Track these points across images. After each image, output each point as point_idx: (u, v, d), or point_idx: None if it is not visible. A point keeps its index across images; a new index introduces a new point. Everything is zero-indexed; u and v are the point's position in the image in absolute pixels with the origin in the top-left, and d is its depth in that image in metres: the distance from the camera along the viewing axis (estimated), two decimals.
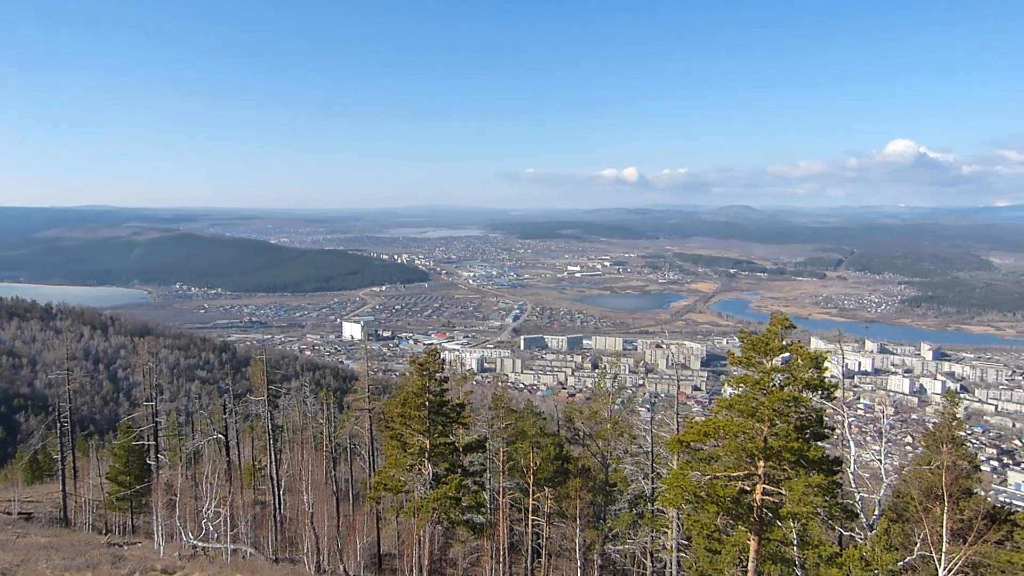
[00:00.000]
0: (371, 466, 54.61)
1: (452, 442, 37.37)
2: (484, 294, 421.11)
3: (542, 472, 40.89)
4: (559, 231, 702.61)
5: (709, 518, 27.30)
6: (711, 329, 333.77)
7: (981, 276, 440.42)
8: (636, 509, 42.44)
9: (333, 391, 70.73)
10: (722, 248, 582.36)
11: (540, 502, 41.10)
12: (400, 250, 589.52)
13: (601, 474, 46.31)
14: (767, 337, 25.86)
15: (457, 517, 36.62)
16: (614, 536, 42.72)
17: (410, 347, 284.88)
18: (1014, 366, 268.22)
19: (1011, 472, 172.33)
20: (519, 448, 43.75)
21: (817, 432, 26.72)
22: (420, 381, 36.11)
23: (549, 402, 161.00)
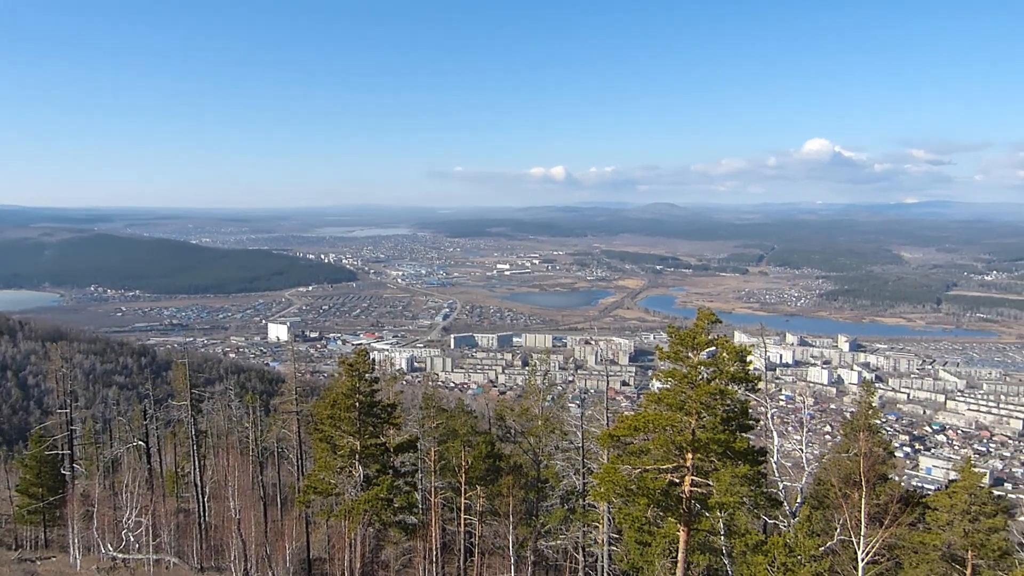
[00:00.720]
0: (300, 470, 53.58)
1: (383, 443, 36.99)
2: (413, 293, 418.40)
3: (474, 471, 40.81)
4: (488, 229, 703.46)
5: (639, 511, 27.71)
6: (639, 325, 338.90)
7: (893, 270, 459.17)
8: (568, 505, 42.74)
9: (259, 394, 69.03)
10: (649, 245, 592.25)
11: (472, 501, 41.03)
12: (327, 249, 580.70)
13: (533, 471, 46.50)
14: (694, 332, 26.38)
15: (389, 518, 36.27)
16: (546, 532, 42.92)
17: (339, 348, 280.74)
18: (924, 356, 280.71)
19: (922, 457, 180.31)
20: (451, 447, 43.59)
21: (742, 424, 27.38)
22: (350, 382, 35.60)
23: (480, 400, 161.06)
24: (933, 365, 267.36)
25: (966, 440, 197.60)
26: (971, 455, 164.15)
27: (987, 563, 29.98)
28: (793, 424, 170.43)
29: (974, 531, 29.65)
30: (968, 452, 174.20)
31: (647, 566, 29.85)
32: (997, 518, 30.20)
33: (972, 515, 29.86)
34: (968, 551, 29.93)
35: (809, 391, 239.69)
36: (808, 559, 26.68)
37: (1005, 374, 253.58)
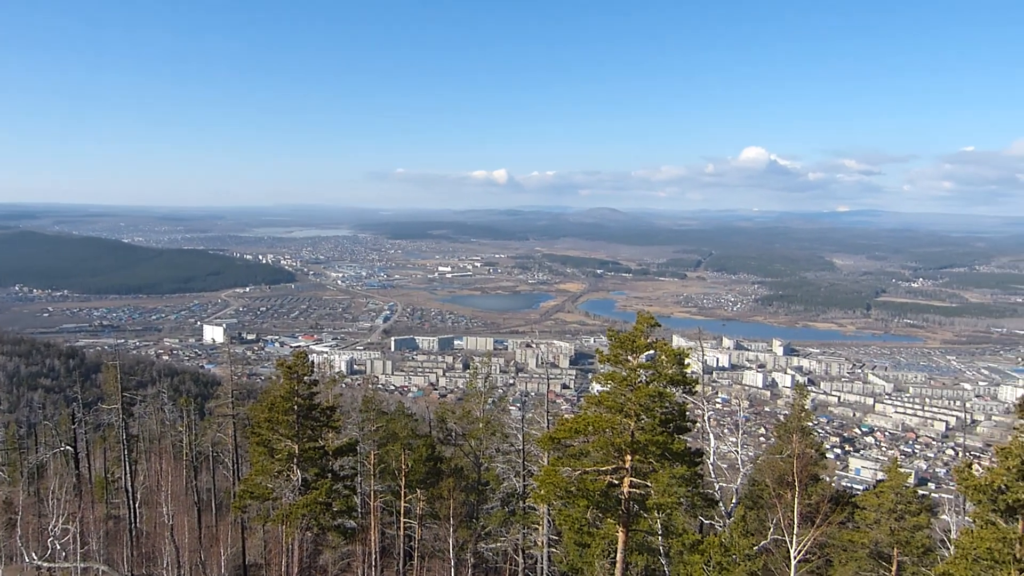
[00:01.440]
0: (236, 474, 52.53)
1: (322, 446, 36.48)
2: (353, 295, 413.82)
3: (414, 474, 40.60)
4: (430, 231, 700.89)
5: (579, 512, 27.92)
6: (579, 328, 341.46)
7: (826, 276, 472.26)
8: (508, 507, 42.82)
9: (194, 397, 67.36)
10: (589, 249, 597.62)
11: (412, 504, 40.79)
12: (265, 250, 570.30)
13: (474, 473, 46.49)
14: (633, 335, 26.71)
15: (327, 523, 35.79)
16: (487, 534, 42.93)
17: (276, 350, 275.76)
18: (854, 360, 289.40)
19: (852, 458, 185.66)
20: (391, 450, 43.28)
21: (680, 425, 27.82)
22: (288, 384, 35.03)
23: (421, 403, 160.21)
24: (863, 369, 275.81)
25: (893, 441, 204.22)
26: (898, 456, 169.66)
27: (911, 560, 31.05)
28: (729, 426, 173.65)
29: (900, 529, 30.69)
30: (895, 453, 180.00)
31: (586, 567, 30.08)
32: (921, 516, 31.32)
33: (898, 514, 30.90)
34: (894, 548, 30.96)
35: (744, 394, 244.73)
36: (743, 558, 27.26)
37: (930, 378, 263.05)
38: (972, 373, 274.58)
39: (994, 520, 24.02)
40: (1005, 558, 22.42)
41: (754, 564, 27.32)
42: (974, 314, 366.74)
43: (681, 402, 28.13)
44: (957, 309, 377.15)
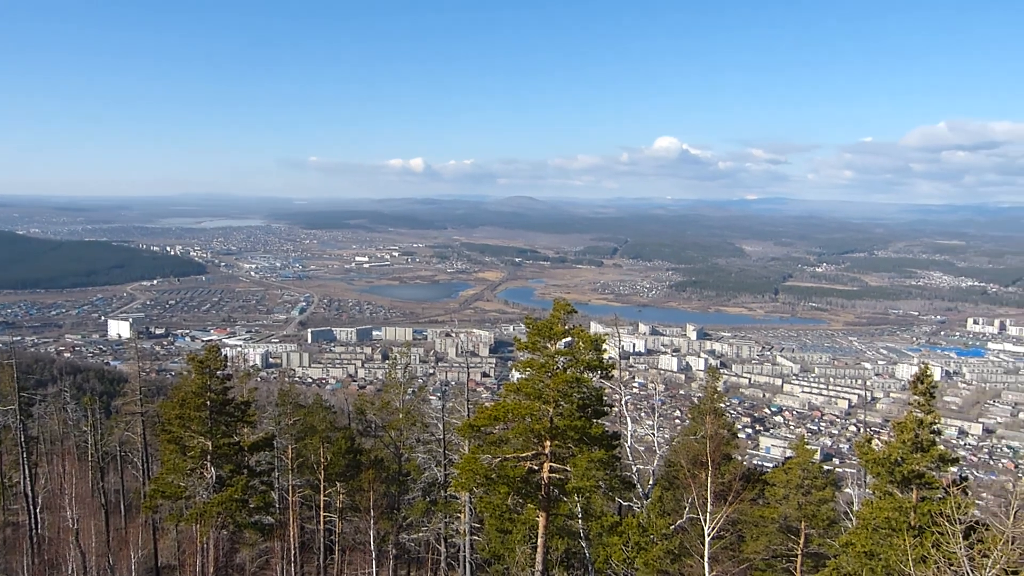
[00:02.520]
0: (146, 474, 50.79)
1: (237, 442, 35.64)
2: (268, 287, 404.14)
3: (333, 467, 40.13)
4: (346, 221, 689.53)
5: (500, 499, 28.11)
6: (499, 317, 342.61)
7: (736, 262, 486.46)
8: (430, 496, 42.82)
9: (99, 395, 64.58)
10: (508, 238, 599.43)
11: (332, 497, 40.34)
12: (174, 241, 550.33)
13: (394, 464, 46.23)
14: (551, 322, 26.99)
15: (244, 520, 35.01)
16: (408, 525, 42.84)
17: (187, 344, 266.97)
18: (764, 343, 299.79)
19: (762, 437, 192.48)
20: (309, 444, 42.61)
21: (598, 410, 28.28)
22: (200, 380, 34.06)
23: (339, 395, 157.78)
24: (772, 351, 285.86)
25: (800, 420, 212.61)
26: (804, 434, 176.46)
27: (818, 532, 32.42)
28: (645, 410, 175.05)
29: (807, 503, 32.00)
30: (802, 431, 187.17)
31: (508, 553, 30.35)
32: (826, 490, 32.73)
33: (805, 489, 32.21)
34: (802, 522, 32.28)
35: (660, 378, 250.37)
36: (660, 537, 27.98)
37: (833, 358, 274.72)
38: (872, 353, 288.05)
39: (892, 491, 25.34)
40: (901, 526, 23.67)
41: (671, 543, 28.07)
42: (873, 297, 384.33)
43: (598, 387, 28.61)
44: (858, 292, 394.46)
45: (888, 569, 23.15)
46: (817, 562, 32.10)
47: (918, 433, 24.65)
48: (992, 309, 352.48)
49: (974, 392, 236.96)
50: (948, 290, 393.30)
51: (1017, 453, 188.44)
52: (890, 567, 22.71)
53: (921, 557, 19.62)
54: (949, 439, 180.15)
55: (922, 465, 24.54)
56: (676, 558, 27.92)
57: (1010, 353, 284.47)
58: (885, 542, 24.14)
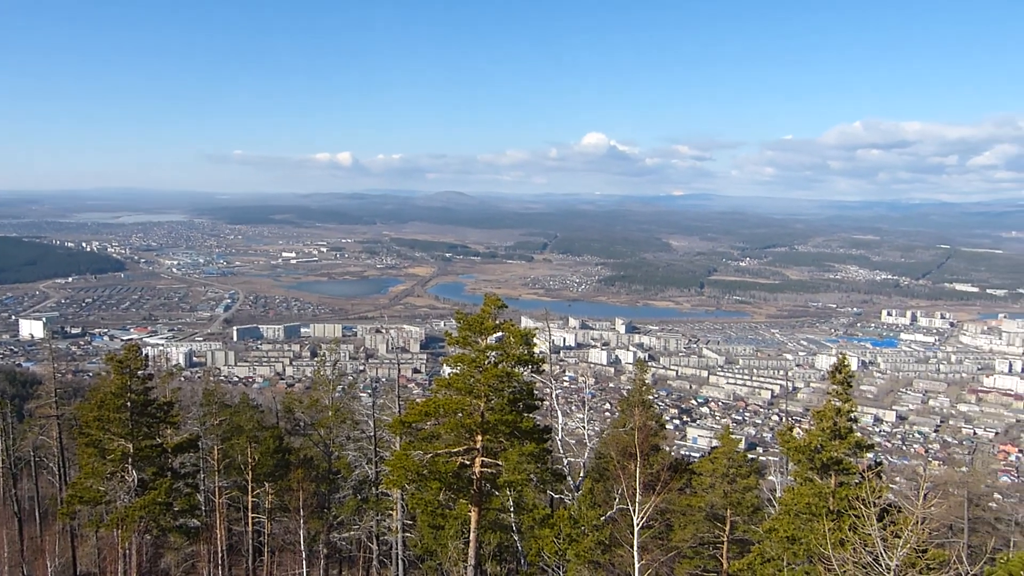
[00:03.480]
0: (62, 479, 48.91)
1: (160, 444, 34.65)
2: (191, 283, 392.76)
3: (262, 467, 39.41)
4: (272, 216, 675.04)
5: (432, 495, 28.09)
6: (429, 312, 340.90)
7: (663, 257, 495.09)
8: (361, 494, 42.48)
9: (10, 398, 61.81)
10: (438, 233, 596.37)
11: (260, 498, 39.61)
12: (89, 237, 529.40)
13: (324, 463, 45.72)
14: (481, 317, 27.06)
15: (168, 523, 34.08)
16: (339, 524, 42.42)
17: (106, 344, 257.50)
18: (690, 335, 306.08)
19: (689, 428, 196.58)
20: (236, 444, 41.75)
21: (529, 404, 28.50)
22: (119, 380, 32.98)
23: (267, 394, 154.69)
24: (698, 344, 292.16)
25: (726, 410, 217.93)
26: (729, 424, 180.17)
27: (743, 519, 33.36)
28: (576, 403, 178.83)
29: (732, 491, 32.88)
30: (727, 421, 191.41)
31: (440, 549, 30.37)
32: (751, 478, 33.70)
33: (730, 477, 33.09)
34: (727, 510, 33.16)
35: (590, 371, 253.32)
36: (591, 528, 28.37)
37: (757, 350, 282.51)
38: (793, 344, 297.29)
39: (812, 477, 26.27)
40: (821, 511, 24.56)
41: (602, 534, 28.49)
42: (794, 290, 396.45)
43: (529, 381, 28.83)
44: (780, 286, 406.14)
45: (809, 552, 24.00)
46: (742, 548, 33.04)
47: (836, 421, 25.62)
48: (904, 301, 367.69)
49: (888, 381, 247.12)
50: (864, 283, 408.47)
51: (927, 438, 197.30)
52: (811, 550, 23.55)
53: (840, 540, 20.41)
54: (865, 426, 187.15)
55: (840, 452, 25.52)
56: (607, 548, 28.36)
57: (920, 343, 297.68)
58: (806, 527, 25.02)
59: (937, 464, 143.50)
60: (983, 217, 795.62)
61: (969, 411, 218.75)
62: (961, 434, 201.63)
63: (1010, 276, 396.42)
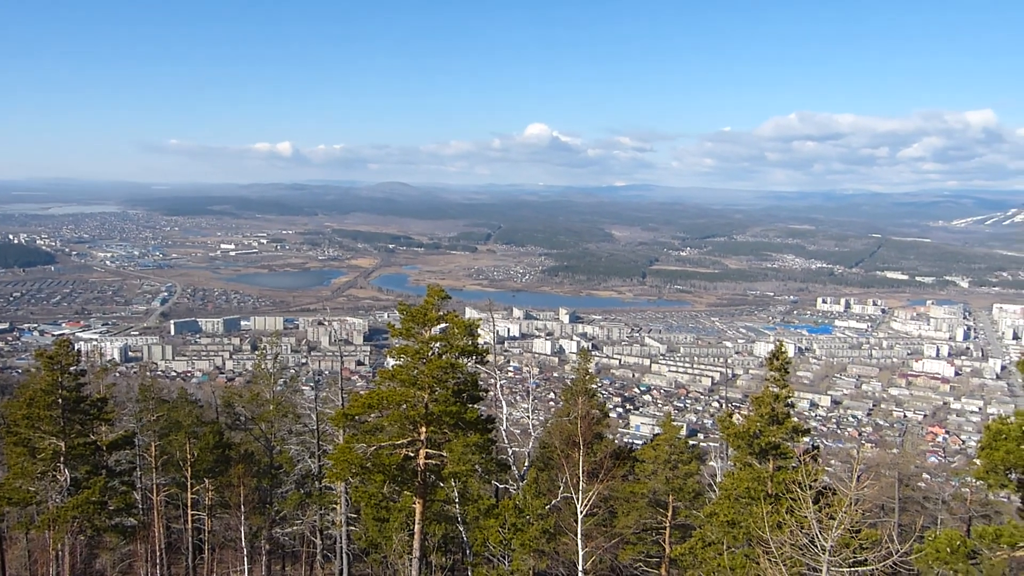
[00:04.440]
0: None
1: (94, 441, 33.69)
2: (126, 276, 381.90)
3: (201, 463, 38.64)
4: (210, 207, 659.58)
5: (376, 487, 27.94)
6: (372, 304, 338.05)
7: (605, 247, 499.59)
8: (304, 489, 42.07)
9: None
10: (381, 224, 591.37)
11: (200, 495, 38.82)
12: (17, 229, 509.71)
13: (266, 457, 45.08)
14: (424, 308, 26.93)
15: (103, 523, 33.18)
16: (282, 519, 41.88)
17: (36, 339, 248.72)
18: (633, 325, 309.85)
19: (632, 416, 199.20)
20: (174, 440, 40.86)
21: (473, 395, 28.49)
22: (50, 376, 31.94)
23: (206, 388, 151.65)
24: (640, 333, 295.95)
25: (668, 398, 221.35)
26: (671, 411, 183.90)
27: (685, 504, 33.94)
28: (521, 393, 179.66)
29: (674, 477, 33.43)
30: (669, 409, 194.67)
31: (385, 541, 30.21)
32: (692, 464, 34.30)
33: (672, 464, 33.63)
34: (670, 496, 33.69)
35: (535, 361, 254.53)
36: (536, 517, 28.54)
37: (697, 338, 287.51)
38: (732, 332, 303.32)
39: (751, 462, 26.84)
40: (759, 495, 25.12)
41: (547, 522, 28.69)
42: (733, 279, 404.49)
43: (473, 372, 28.81)
44: (719, 275, 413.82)
45: (748, 536, 24.55)
46: (684, 533, 33.65)
47: (774, 407, 26.22)
48: (838, 289, 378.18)
49: (823, 367, 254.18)
50: (800, 272, 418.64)
51: (860, 422, 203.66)
52: (750, 534, 24.08)
53: (777, 523, 20.91)
54: (802, 411, 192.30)
55: (778, 437, 26.13)
56: (552, 537, 28.58)
57: (854, 330, 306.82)
58: (745, 511, 25.58)
59: (870, 447, 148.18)
60: (912, 207, 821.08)
61: (899, 395, 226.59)
62: (892, 417, 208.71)
63: (937, 264, 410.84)
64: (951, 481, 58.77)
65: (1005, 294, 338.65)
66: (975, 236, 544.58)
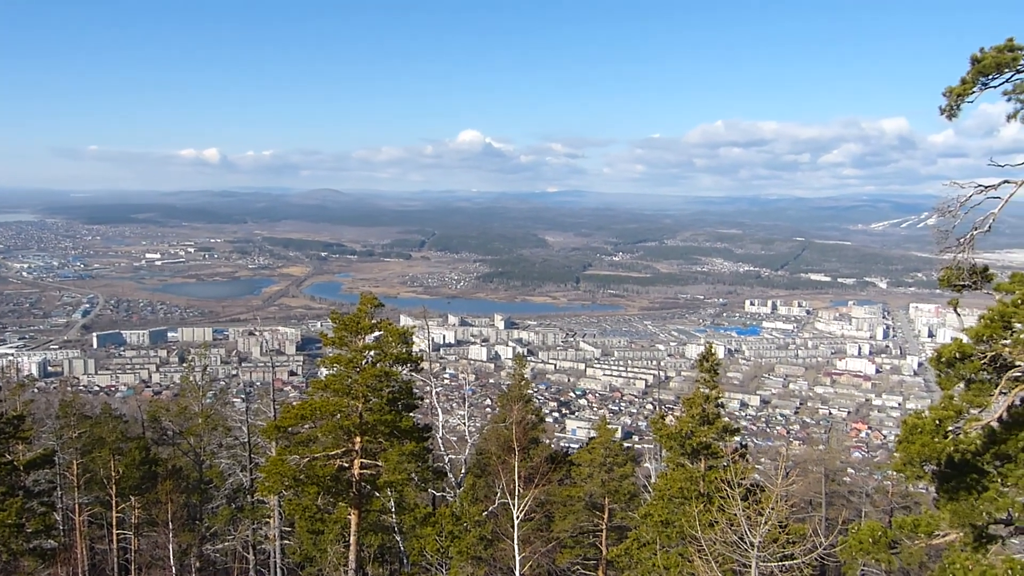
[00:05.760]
0: None
1: (10, 461, 32.24)
2: (44, 288, 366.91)
3: (127, 480, 37.44)
4: (134, 215, 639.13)
5: (310, 499, 27.52)
6: (305, 313, 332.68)
7: (539, 253, 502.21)
8: (235, 503, 41.21)
9: None
10: (312, 232, 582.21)
11: (126, 513, 37.63)
12: None
13: (195, 472, 43.99)
14: (357, 317, 26.71)
15: (20, 547, 31.73)
16: (213, 535, 40.91)
17: None
18: (567, 330, 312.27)
19: (568, 420, 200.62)
20: (97, 457, 39.43)
21: (408, 403, 28.35)
22: None
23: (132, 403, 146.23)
24: (575, 337, 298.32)
25: (603, 401, 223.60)
26: (606, 414, 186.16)
27: (620, 506, 34.40)
28: (457, 400, 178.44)
29: (610, 480, 33.84)
30: (604, 412, 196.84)
31: (320, 554, 29.81)
32: (627, 467, 34.78)
33: (608, 466, 34.04)
34: (606, 498, 34.10)
35: (471, 368, 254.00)
36: (473, 524, 28.53)
37: (631, 342, 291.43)
38: (665, 335, 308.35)
39: (683, 462, 27.37)
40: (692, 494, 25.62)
41: (484, 529, 28.71)
42: (664, 283, 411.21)
43: (408, 380, 28.68)
44: (651, 279, 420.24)
45: (682, 535, 25.00)
46: (621, 535, 34.08)
47: (704, 407, 26.81)
48: (765, 291, 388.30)
49: (752, 367, 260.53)
50: (728, 275, 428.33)
51: (788, 420, 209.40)
52: (683, 533, 24.54)
53: (710, 522, 21.35)
54: (733, 411, 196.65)
55: (708, 437, 26.72)
56: (489, 543, 28.62)
57: (780, 331, 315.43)
58: (679, 510, 26.06)
59: (798, 444, 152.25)
60: (833, 211, 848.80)
61: (825, 393, 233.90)
62: (818, 415, 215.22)
63: (857, 266, 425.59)
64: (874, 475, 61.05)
65: (920, 294, 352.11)
66: (892, 239, 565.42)
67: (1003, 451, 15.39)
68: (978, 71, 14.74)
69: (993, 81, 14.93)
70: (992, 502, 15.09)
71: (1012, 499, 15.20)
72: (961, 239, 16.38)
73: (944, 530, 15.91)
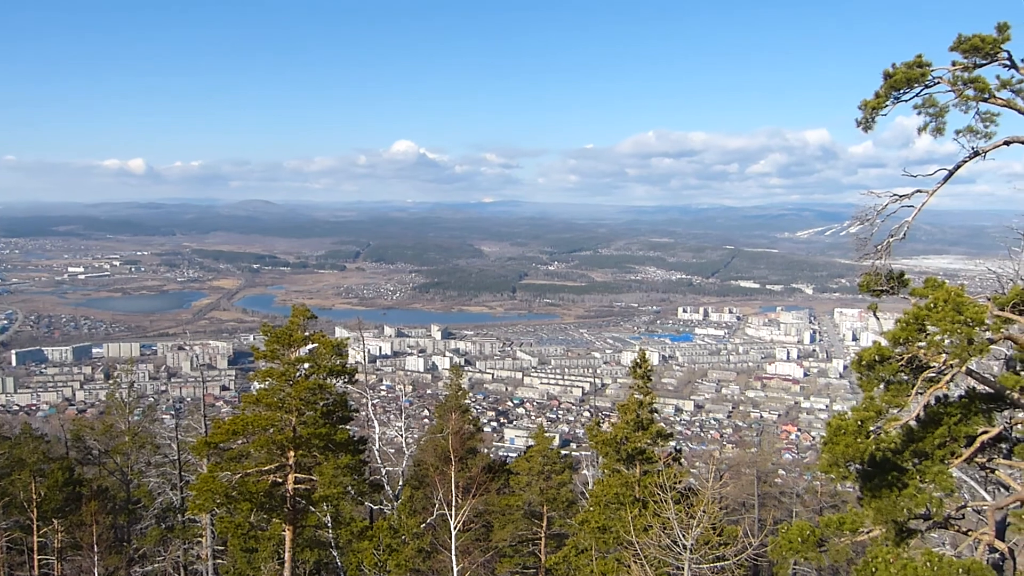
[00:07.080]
0: None
1: None
2: None
3: (49, 502, 36.05)
4: (54, 228, 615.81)
5: (243, 517, 26.96)
6: (237, 326, 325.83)
7: (476, 263, 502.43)
8: (165, 523, 40.07)
9: None
10: (244, 243, 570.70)
11: (48, 537, 36.19)
12: None
13: (122, 492, 42.66)
14: (290, 329, 26.37)
15: None
16: (142, 556, 39.68)
17: None
18: (504, 339, 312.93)
19: (507, 429, 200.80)
20: (17, 479, 37.85)
21: (343, 416, 28.07)
22: None
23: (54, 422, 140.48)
24: (512, 347, 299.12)
25: (540, 410, 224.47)
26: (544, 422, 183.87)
27: (559, 514, 34.64)
28: (394, 411, 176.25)
29: (548, 488, 34.06)
30: (542, 420, 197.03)
31: (254, 573, 29.18)
32: (564, 474, 35.07)
33: (546, 474, 34.26)
34: (544, 506, 34.30)
35: (407, 379, 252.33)
36: (411, 537, 28.36)
37: (567, 350, 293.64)
38: (600, 343, 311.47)
39: (619, 468, 27.74)
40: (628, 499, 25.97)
41: (422, 541, 28.55)
42: (599, 291, 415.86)
43: (343, 392, 28.41)
44: (586, 288, 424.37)
45: (618, 540, 25.32)
46: (559, 542, 34.31)
47: (639, 413, 27.25)
48: (697, 298, 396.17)
49: (686, 373, 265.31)
50: (661, 283, 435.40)
51: (721, 424, 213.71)
52: (620, 539, 24.86)
53: (645, 526, 21.71)
54: (667, 416, 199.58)
55: (643, 442, 27.16)
56: (428, 555, 28.47)
57: (712, 336, 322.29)
58: (615, 516, 26.39)
59: (731, 447, 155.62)
60: (760, 220, 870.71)
61: (756, 396, 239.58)
62: (750, 418, 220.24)
63: (785, 272, 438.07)
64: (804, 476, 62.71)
65: (844, 299, 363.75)
66: (816, 246, 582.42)
67: (920, 448, 16.07)
68: (890, 86, 15.41)
69: (905, 95, 15.60)
70: (912, 498, 15.72)
71: (930, 495, 15.85)
72: (879, 246, 17.06)
73: (868, 527, 16.52)
